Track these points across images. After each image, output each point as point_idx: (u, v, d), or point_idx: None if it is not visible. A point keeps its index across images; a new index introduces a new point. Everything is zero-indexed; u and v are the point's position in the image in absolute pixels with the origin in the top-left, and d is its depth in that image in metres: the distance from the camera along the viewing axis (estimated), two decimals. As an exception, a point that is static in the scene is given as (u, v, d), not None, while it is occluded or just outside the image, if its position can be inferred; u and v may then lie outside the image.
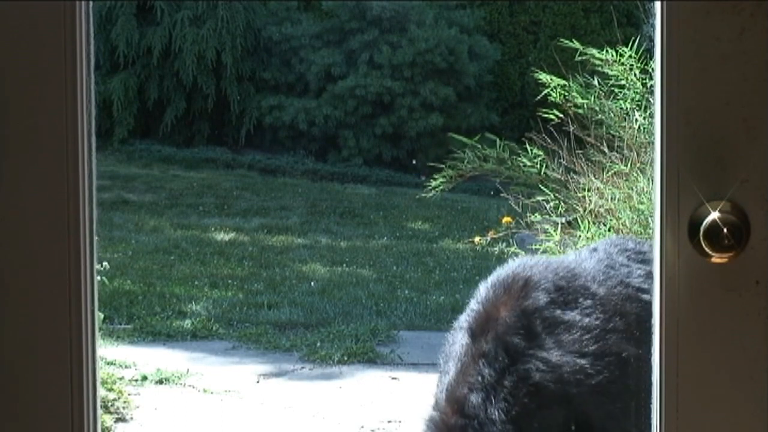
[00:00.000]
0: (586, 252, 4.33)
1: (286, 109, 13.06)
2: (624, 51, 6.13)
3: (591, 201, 6.06)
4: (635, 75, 6.14)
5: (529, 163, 6.34)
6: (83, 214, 2.24)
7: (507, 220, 6.73)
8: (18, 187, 2.22)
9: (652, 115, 5.94)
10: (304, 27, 13.24)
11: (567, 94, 6.25)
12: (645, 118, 6.10)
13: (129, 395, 6.51)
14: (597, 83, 6.25)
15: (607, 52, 6.14)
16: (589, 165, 6.24)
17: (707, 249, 2.17)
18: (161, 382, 6.81)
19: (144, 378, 6.82)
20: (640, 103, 6.15)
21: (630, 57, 6.14)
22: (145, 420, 6.28)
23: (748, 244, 2.18)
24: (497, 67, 13.37)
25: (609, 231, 5.86)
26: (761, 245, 2.19)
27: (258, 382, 6.92)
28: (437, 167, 6.73)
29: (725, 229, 2.15)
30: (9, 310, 2.23)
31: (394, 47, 12.98)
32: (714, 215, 2.16)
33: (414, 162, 12.76)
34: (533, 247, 6.09)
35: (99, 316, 3.19)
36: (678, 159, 2.19)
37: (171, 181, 12.10)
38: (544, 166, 6.31)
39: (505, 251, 6.37)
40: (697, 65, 2.19)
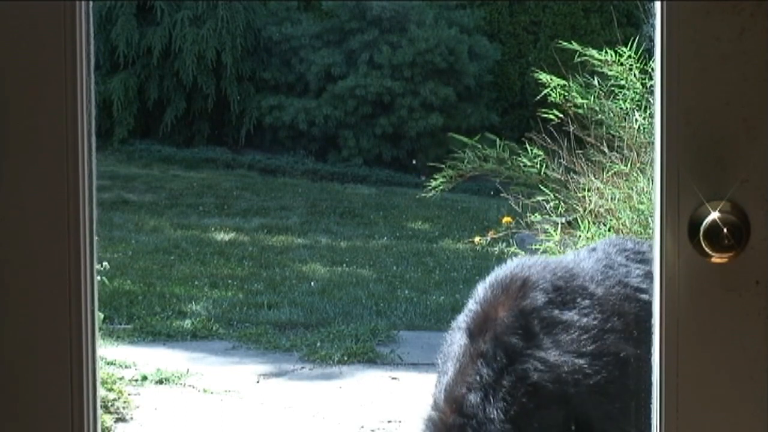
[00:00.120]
0: (584, 252, 4.33)
1: (286, 109, 13.06)
2: (624, 51, 6.13)
3: (591, 201, 6.05)
4: (635, 75, 6.14)
5: (529, 163, 6.34)
6: (83, 214, 2.24)
7: (507, 220, 6.73)
8: (18, 187, 2.22)
9: (652, 115, 5.94)
10: (304, 27, 13.24)
11: (567, 94, 6.25)
12: (645, 118, 6.09)
13: (129, 395, 6.51)
14: (597, 83, 6.25)
15: (607, 52, 6.14)
16: (589, 165, 6.24)
17: (707, 249, 2.17)
18: (161, 382, 6.80)
19: (144, 378, 6.82)
20: (639, 103, 6.15)
21: (630, 57, 6.14)
22: (145, 420, 6.28)
23: (748, 244, 2.18)
24: (497, 67, 13.36)
25: (609, 231, 5.86)
26: (761, 245, 2.19)
27: (258, 382, 6.92)
28: (437, 167, 6.73)
29: (725, 229, 2.15)
30: (9, 310, 2.23)
31: (394, 47, 12.97)
32: (714, 215, 2.16)
33: (414, 162, 12.76)
34: (533, 247, 6.09)
35: (99, 316, 3.19)
36: (678, 159, 2.19)
37: (171, 181, 12.10)
38: (544, 166, 6.31)
39: (505, 251, 6.37)
40: (697, 65, 2.19)
